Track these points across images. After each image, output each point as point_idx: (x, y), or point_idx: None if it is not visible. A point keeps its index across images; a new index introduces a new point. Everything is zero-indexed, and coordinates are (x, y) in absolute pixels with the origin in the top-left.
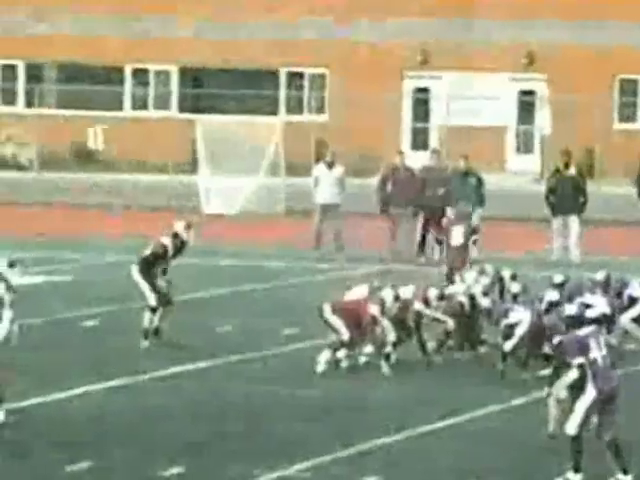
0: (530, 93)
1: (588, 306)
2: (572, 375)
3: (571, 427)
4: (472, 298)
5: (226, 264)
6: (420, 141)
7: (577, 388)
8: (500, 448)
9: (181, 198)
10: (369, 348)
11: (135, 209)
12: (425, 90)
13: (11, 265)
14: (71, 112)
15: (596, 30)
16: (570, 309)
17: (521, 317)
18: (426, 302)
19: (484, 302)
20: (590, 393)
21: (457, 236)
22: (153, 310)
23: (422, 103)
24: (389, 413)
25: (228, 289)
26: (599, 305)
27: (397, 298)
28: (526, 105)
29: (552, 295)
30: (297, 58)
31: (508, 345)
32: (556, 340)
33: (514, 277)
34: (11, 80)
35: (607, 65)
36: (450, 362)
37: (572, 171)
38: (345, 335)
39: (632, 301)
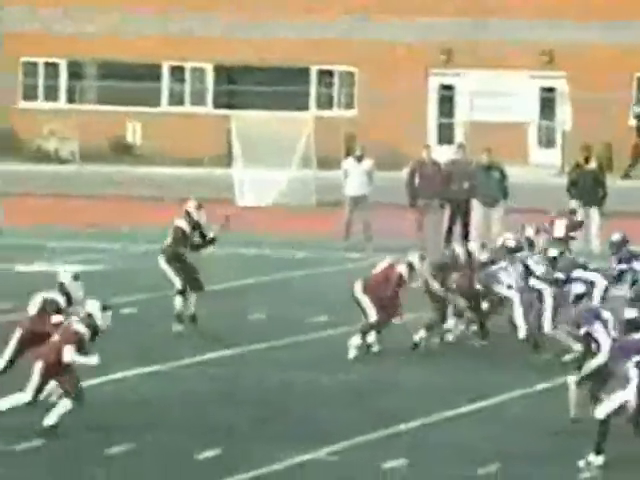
0: (551, 90)
1: (585, 281)
2: (598, 361)
3: (601, 412)
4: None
5: (259, 254)
6: (445, 136)
7: (601, 375)
8: (525, 432)
9: (216, 190)
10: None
11: (171, 201)
12: (450, 87)
13: (75, 278)
14: (110, 108)
15: (615, 29)
16: (630, 313)
17: (510, 295)
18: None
19: (482, 256)
20: (633, 391)
21: (559, 229)
22: (181, 293)
23: (447, 99)
24: (417, 398)
25: (260, 278)
26: (597, 278)
27: (423, 258)
28: (547, 101)
29: (578, 288)
30: (327, 56)
31: (521, 333)
32: (583, 330)
33: (538, 231)
34: (53, 77)
35: (625, 63)
36: (476, 347)
37: (592, 165)
38: (373, 317)
39: (635, 274)
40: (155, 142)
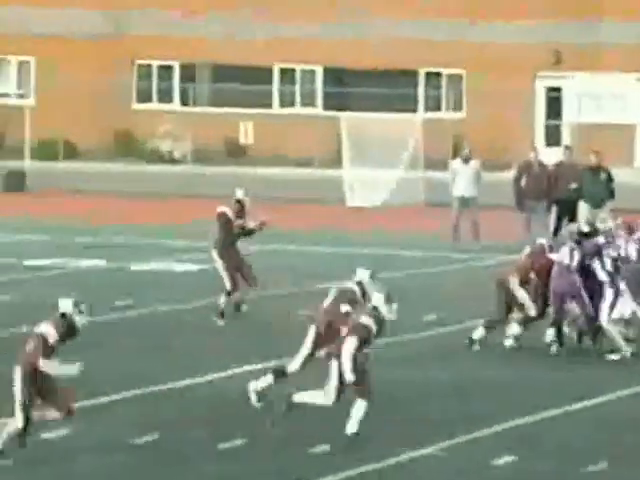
0: None
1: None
2: None
3: None
4: None
5: (367, 253)
6: (553, 138)
7: None
8: (634, 432)
9: (326, 191)
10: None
11: (281, 201)
12: (557, 89)
13: (372, 276)
14: (223, 110)
15: None
16: None
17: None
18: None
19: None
20: None
21: None
22: (228, 294)
23: (554, 101)
24: (525, 395)
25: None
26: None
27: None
28: None
29: None
30: (435, 58)
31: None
32: None
33: None
34: (167, 80)
35: None
36: (582, 345)
37: None
38: (532, 310)
39: None
40: (266, 143)
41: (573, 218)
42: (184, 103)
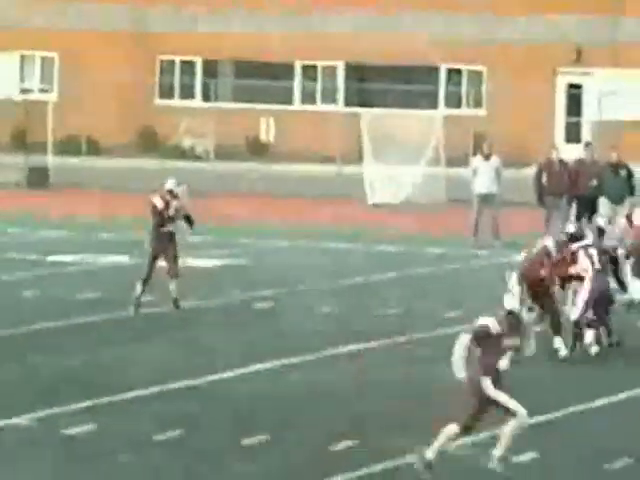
0: None
1: None
2: None
3: None
4: None
5: (389, 250)
6: (573, 135)
7: None
8: None
9: (347, 188)
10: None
11: (302, 198)
12: (578, 86)
13: None
14: (244, 106)
15: None
16: None
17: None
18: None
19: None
20: None
21: None
22: (144, 282)
23: (575, 98)
24: (546, 392)
25: (390, 274)
26: None
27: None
28: None
29: None
30: (456, 55)
31: (574, 315)
32: None
33: None
34: (189, 75)
35: None
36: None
37: None
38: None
39: None
40: (287, 140)
41: (593, 215)
42: (206, 99)
